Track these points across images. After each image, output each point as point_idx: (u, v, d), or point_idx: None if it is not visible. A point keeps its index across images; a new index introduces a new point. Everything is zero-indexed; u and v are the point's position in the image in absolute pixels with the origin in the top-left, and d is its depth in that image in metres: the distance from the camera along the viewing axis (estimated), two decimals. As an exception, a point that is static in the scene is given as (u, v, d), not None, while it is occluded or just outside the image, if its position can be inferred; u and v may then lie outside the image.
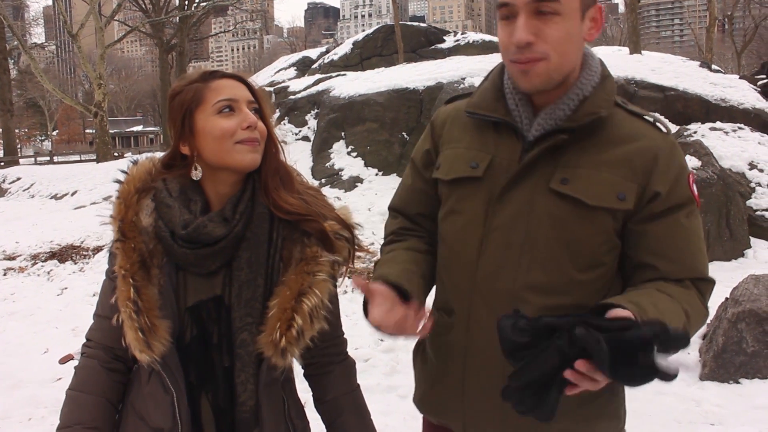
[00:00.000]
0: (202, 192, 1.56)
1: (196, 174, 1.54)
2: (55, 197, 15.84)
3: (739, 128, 9.59)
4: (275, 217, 1.54)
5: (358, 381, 1.75)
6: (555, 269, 1.47)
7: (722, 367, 4.35)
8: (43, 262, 8.68)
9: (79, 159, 38.33)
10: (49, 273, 8.25)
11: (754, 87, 12.04)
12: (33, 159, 40.05)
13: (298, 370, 1.68)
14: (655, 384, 1.11)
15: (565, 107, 1.48)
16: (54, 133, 72.05)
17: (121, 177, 1.59)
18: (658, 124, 1.52)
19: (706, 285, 1.49)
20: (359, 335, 5.27)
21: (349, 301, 6.30)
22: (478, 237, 1.53)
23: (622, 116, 1.51)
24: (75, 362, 1.66)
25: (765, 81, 12.73)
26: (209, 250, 1.48)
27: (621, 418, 1.62)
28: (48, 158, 40.08)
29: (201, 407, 1.53)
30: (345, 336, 1.73)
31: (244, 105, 1.53)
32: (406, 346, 5.47)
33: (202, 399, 1.53)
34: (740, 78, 13.10)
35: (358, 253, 1.63)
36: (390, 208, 1.84)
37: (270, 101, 1.65)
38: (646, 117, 1.52)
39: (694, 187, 1.51)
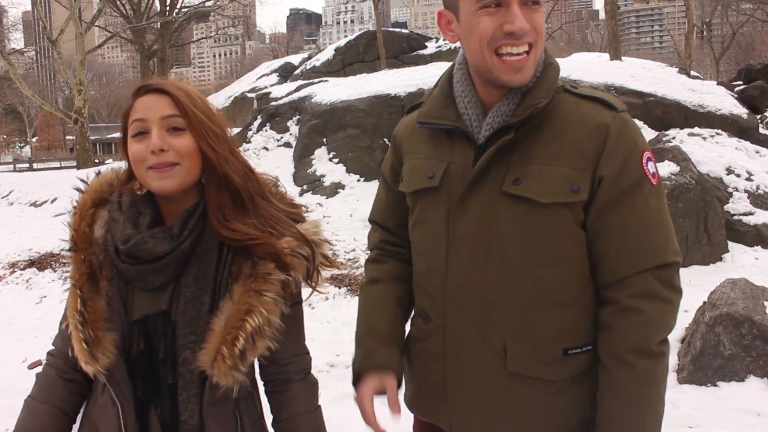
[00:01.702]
0: (154, 205, 1.53)
1: (141, 190, 1.54)
2: (34, 204, 15.69)
3: (717, 134, 9.72)
4: None
5: (339, 388, 1.73)
6: (522, 270, 1.47)
7: (700, 370, 4.39)
8: (21, 270, 8.59)
9: (59, 166, 38.06)
10: (27, 281, 8.16)
11: (732, 93, 12.19)
12: (12, 166, 39.67)
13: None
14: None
15: (509, 102, 1.48)
16: (33, 139, 71.33)
17: (82, 186, 1.58)
18: (607, 100, 1.48)
19: (668, 272, 1.44)
20: (340, 341, 5.27)
21: (330, 307, 6.32)
22: (444, 246, 1.54)
23: (570, 101, 1.48)
24: (39, 370, 1.65)
25: (742, 87, 12.90)
26: (150, 266, 1.44)
27: None
28: (27, 165, 39.71)
29: (150, 421, 1.49)
30: (308, 354, 1.67)
31: (155, 125, 1.45)
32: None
33: (150, 413, 1.49)
34: (718, 84, 13.27)
35: (333, 266, 1.60)
36: (370, 221, 1.87)
37: (216, 110, 1.61)
38: (595, 96, 1.49)
39: (650, 166, 1.46)
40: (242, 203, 1.50)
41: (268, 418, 1.65)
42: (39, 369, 1.64)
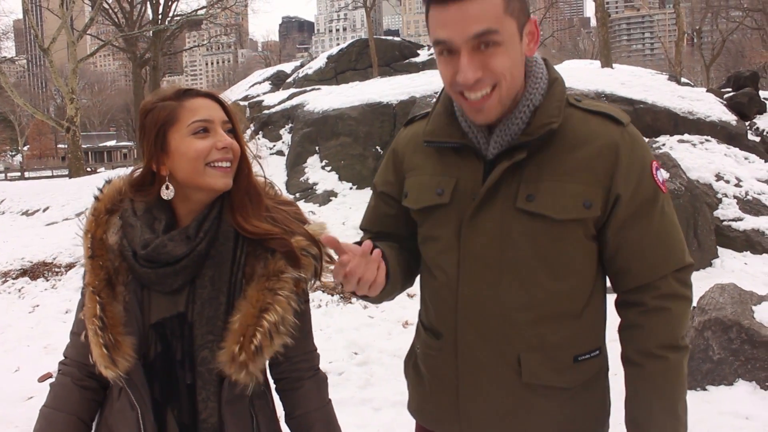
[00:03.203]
0: (169, 209, 1.58)
1: (168, 193, 1.55)
2: (26, 213, 15.63)
3: (707, 140, 9.81)
4: (239, 234, 1.56)
5: (332, 395, 1.76)
6: (535, 283, 1.49)
7: (689, 374, 4.42)
8: (14, 279, 8.57)
9: (51, 174, 37.93)
10: (20, 290, 8.14)
11: (721, 100, 12.31)
12: (3, 174, 39.51)
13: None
14: (624, 394, 1.18)
15: (518, 121, 1.48)
16: (25, 148, 71.06)
17: (98, 194, 1.62)
18: (614, 115, 1.50)
19: (685, 273, 1.52)
20: (333, 349, 5.29)
21: (323, 315, 6.34)
22: (455, 262, 1.54)
23: (578, 117, 1.50)
24: (53, 380, 1.68)
25: (731, 94, 13.01)
26: (170, 269, 1.50)
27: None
28: (19, 174, 39.57)
29: (167, 423, 1.53)
30: (317, 351, 1.73)
31: (219, 126, 1.55)
32: (380, 359, 5.48)
33: (167, 415, 1.54)
34: (707, 91, 13.38)
35: (330, 266, 1.65)
36: (361, 228, 1.87)
37: (244, 118, 1.66)
38: (601, 111, 1.51)
39: (659, 175, 1.50)
40: (260, 204, 1.59)
41: (280, 415, 1.71)
42: (51, 380, 1.67)
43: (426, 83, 12.79)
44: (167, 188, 1.54)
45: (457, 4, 1.34)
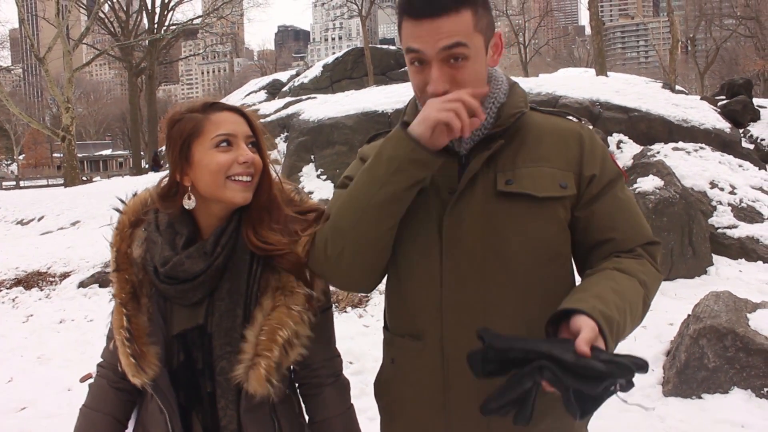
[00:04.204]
0: (191, 222, 1.62)
1: (190, 204, 1.58)
2: (21, 223, 15.61)
3: (701, 148, 9.82)
4: None
5: None
6: (519, 270, 1.51)
7: (685, 382, 4.43)
8: (7, 289, 8.54)
9: (46, 183, 37.89)
10: (14, 300, 8.12)
11: (715, 108, 12.36)
12: (-2, 184, 39.40)
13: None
14: (619, 401, 1.17)
15: (486, 116, 1.55)
16: (20, 157, 71.04)
17: (121, 207, 1.68)
18: (569, 117, 1.64)
19: (655, 247, 1.59)
20: (329, 358, 5.29)
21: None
22: (437, 255, 1.54)
23: (538, 116, 1.62)
24: (92, 381, 1.78)
25: (725, 102, 13.07)
26: (189, 285, 1.55)
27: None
28: (14, 183, 39.50)
29: (193, 427, 1.61)
30: (339, 357, 1.79)
31: (242, 140, 1.58)
32: (375, 368, 5.47)
33: (193, 419, 1.61)
34: (701, 99, 13.45)
35: None
36: None
37: (267, 134, 1.70)
38: (558, 112, 1.66)
39: (617, 162, 1.63)
40: (278, 217, 1.62)
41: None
42: (91, 381, 1.77)
43: (421, 92, 12.80)
44: (189, 198, 1.58)
45: (429, 20, 1.41)
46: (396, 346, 1.68)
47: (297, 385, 1.74)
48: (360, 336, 5.80)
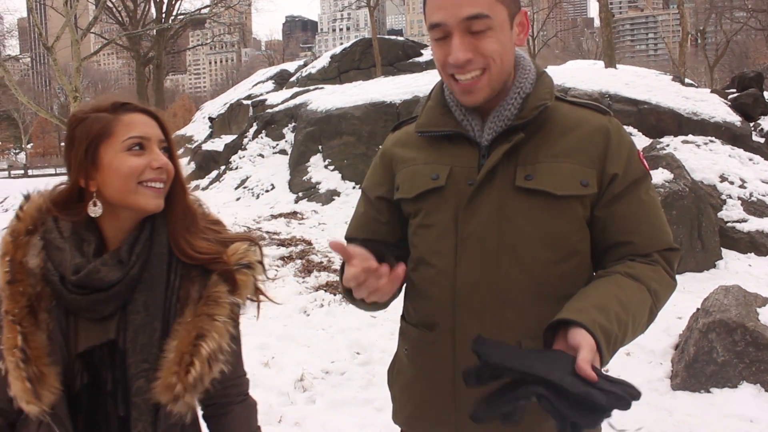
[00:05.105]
0: (96, 230, 1.47)
1: (96, 211, 1.45)
2: (29, 211, 15.65)
3: (711, 141, 9.78)
4: (173, 257, 1.48)
5: (334, 395, 1.72)
6: (535, 266, 1.49)
7: (693, 376, 4.42)
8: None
9: (54, 172, 37.99)
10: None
11: (725, 101, 12.27)
12: (7, 172, 39.60)
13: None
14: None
15: (510, 107, 1.53)
16: (29, 146, 71.31)
17: (20, 213, 1.50)
18: (598, 105, 1.60)
19: (673, 254, 1.56)
20: (335, 349, 5.28)
21: (326, 315, 6.33)
22: (452, 247, 1.54)
23: (566, 107, 1.58)
24: None
25: (735, 95, 12.97)
26: (103, 295, 1.41)
27: None
28: (22, 171, 39.65)
29: None
30: (247, 376, 1.67)
31: (155, 144, 1.47)
32: (383, 359, 5.48)
33: None
34: (711, 92, 13.34)
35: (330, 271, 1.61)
36: (346, 237, 1.83)
37: (179, 140, 1.59)
38: (586, 103, 1.60)
39: (645, 161, 1.58)
40: (196, 226, 1.53)
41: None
42: None
43: (429, 82, 12.78)
44: (95, 205, 1.44)
45: None
46: (410, 336, 1.68)
47: (203, 406, 1.59)
48: (367, 327, 5.80)
